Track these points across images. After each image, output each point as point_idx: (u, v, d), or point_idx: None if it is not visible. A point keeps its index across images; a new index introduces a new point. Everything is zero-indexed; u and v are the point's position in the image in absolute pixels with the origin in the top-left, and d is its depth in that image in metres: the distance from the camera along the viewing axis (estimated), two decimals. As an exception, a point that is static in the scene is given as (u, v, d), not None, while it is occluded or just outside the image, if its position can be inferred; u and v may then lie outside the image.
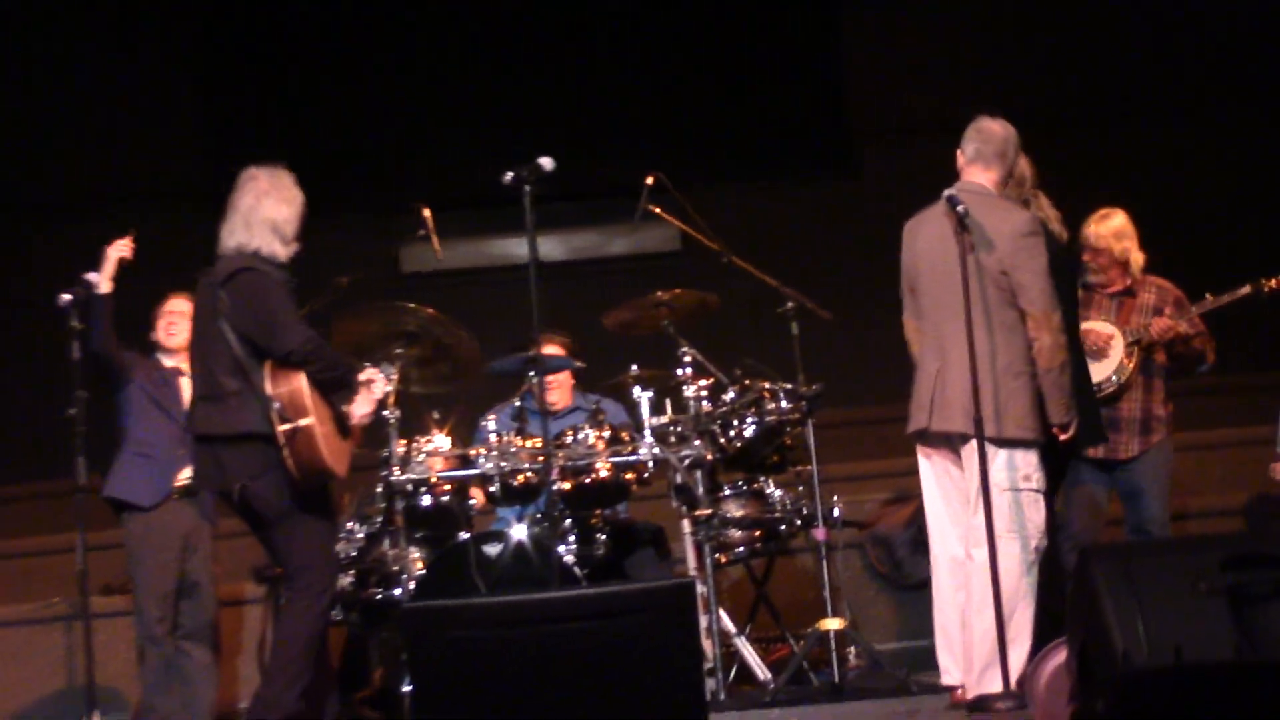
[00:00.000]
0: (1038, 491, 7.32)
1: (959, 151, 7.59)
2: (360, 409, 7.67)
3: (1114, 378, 8.55)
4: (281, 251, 7.48)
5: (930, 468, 7.51)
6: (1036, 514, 7.31)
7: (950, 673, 7.35)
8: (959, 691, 7.28)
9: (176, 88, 13.10)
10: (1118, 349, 8.59)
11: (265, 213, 7.47)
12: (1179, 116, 12.87)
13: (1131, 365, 8.60)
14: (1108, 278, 8.72)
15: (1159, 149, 12.69)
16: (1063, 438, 7.35)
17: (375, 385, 7.85)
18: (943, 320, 7.33)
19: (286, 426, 7.18)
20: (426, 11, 12.87)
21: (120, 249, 8.36)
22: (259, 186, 7.53)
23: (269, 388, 7.23)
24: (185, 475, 8.46)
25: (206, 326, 7.45)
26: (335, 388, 7.52)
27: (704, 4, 13.05)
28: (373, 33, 12.94)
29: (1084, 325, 8.61)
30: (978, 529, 7.18)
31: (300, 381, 7.28)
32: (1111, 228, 8.71)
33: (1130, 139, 12.74)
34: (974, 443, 7.17)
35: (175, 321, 8.85)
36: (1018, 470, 7.28)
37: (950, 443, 7.38)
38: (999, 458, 7.22)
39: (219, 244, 7.54)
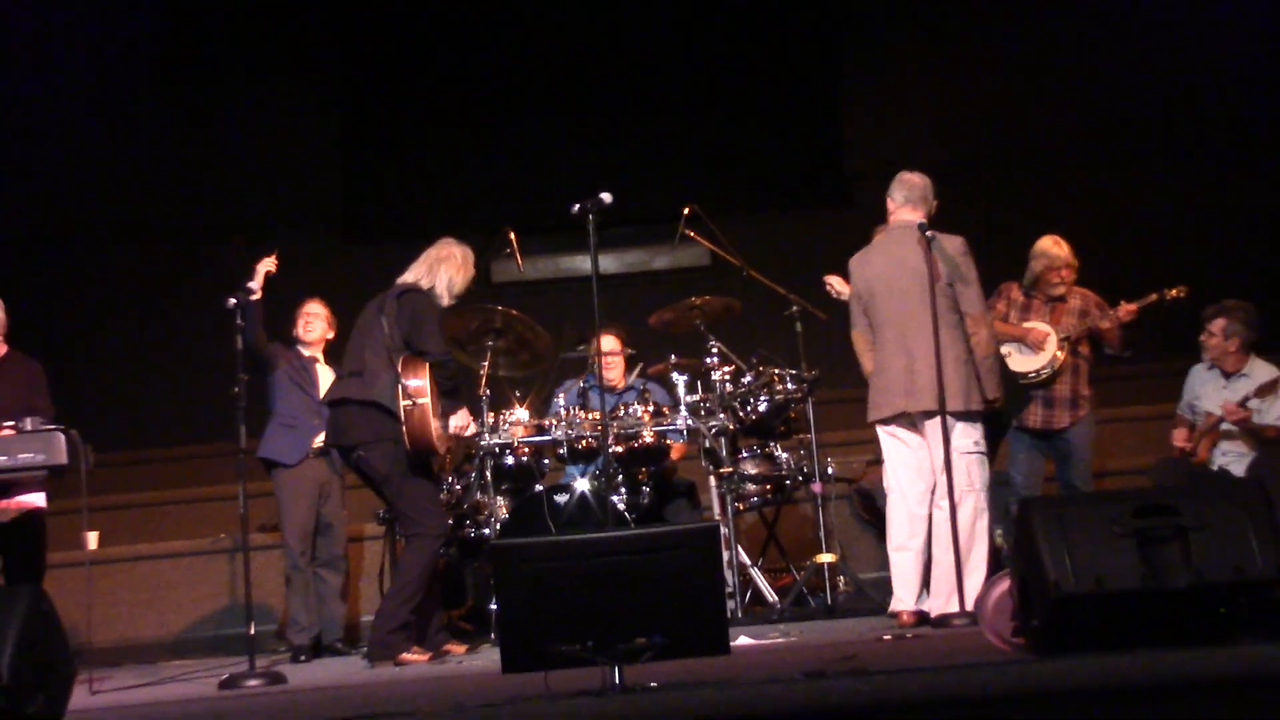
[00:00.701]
0: (984, 453, 7.37)
1: (889, 199, 7.69)
2: (458, 423, 7.87)
3: (1048, 367, 8.55)
4: (444, 299, 7.74)
5: (894, 442, 7.50)
6: (985, 471, 7.37)
7: (902, 600, 7.37)
8: (904, 615, 7.31)
9: (318, 135, 13.13)
10: (1052, 344, 8.59)
11: (446, 270, 7.78)
12: (1105, 163, 12.84)
13: (1063, 356, 8.59)
14: (1068, 286, 8.74)
15: (1090, 187, 12.64)
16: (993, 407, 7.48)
17: (469, 429, 8.07)
18: (905, 324, 7.33)
19: (408, 402, 7.30)
20: (515, 80, 12.90)
21: (267, 264, 8.41)
22: (450, 251, 7.85)
23: (401, 370, 7.35)
24: (319, 440, 8.53)
25: (370, 321, 7.65)
26: (449, 394, 7.73)
27: (730, 77, 13.04)
28: (472, 95, 12.96)
29: (1025, 324, 8.64)
30: (944, 485, 7.21)
31: (425, 374, 7.41)
32: (1069, 248, 8.76)
33: (1068, 178, 12.70)
34: (949, 417, 7.21)
35: (310, 320, 8.92)
36: (973, 436, 7.32)
37: (912, 420, 7.38)
38: (958, 428, 7.24)
39: (401, 275, 7.78)
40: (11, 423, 7.45)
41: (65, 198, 12.81)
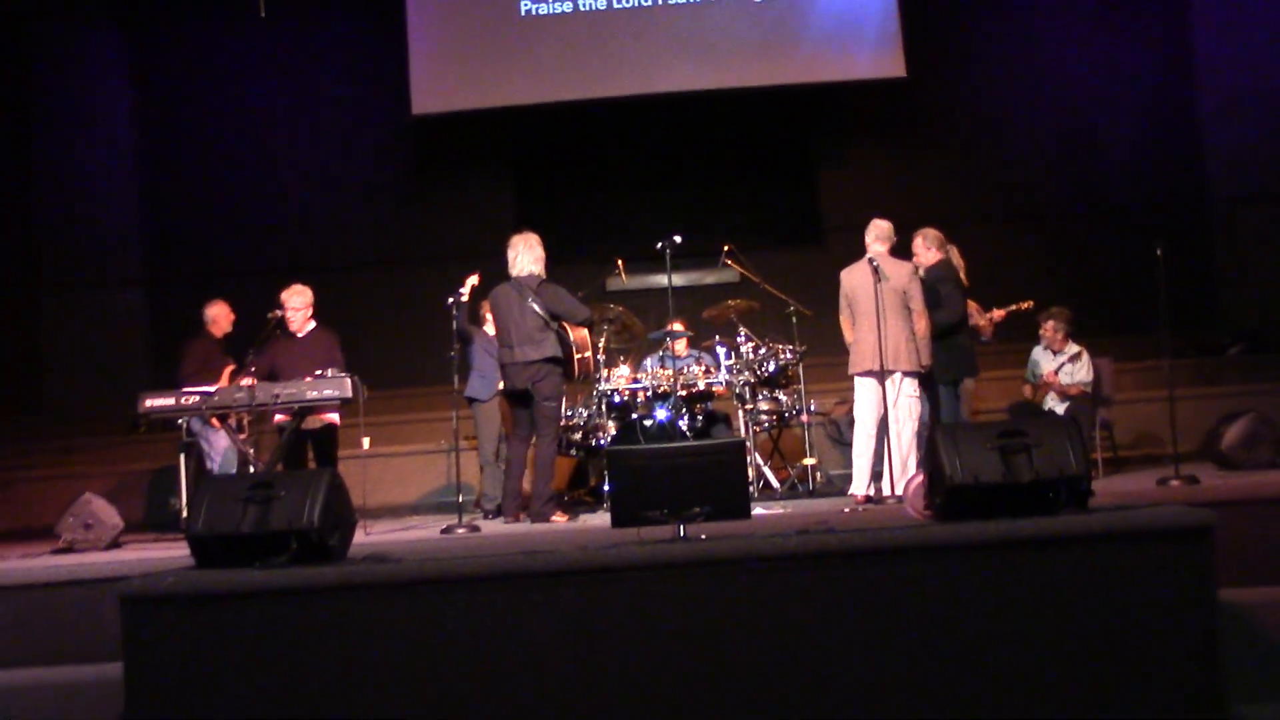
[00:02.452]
0: (918, 398, 7.35)
1: (866, 235, 7.60)
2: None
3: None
4: (542, 273, 7.59)
5: (862, 389, 7.46)
6: (920, 408, 7.35)
7: (857, 488, 7.39)
8: (858, 498, 7.32)
9: (500, 196, 13.16)
10: None
11: (535, 253, 7.59)
12: (990, 223, 12.66)
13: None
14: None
15: (977, 237, 12.43)
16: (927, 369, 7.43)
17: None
18: (873, 316, 7.31)
19: (579, 356, 7.32)
20: (622, 164, 12.97)
21: (471, 279, 8.40)
22: (528, 240, 7.64)
23: (571, 336, 7.37)
24: (501, 385, 8.57)
25: (521, 307, 7.49)
26: (592, 329, 7.71)
27: (750, 165, 13.04)
28: (596, 172, 13.04)
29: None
30: (893, 414, 7.21)
31: (585, 332, 7.42)
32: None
33: (969, 232, 12.47)
34: (898, 373, 7.24)
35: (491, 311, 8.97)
36: (913, 385, 7.30)
37: (876, 375, 7.35)
38: (906, 382, 7.23)
39: (512, 266, 7.59)
40: (319, 370, 7.60)
41: (347, 240, 12.97)
